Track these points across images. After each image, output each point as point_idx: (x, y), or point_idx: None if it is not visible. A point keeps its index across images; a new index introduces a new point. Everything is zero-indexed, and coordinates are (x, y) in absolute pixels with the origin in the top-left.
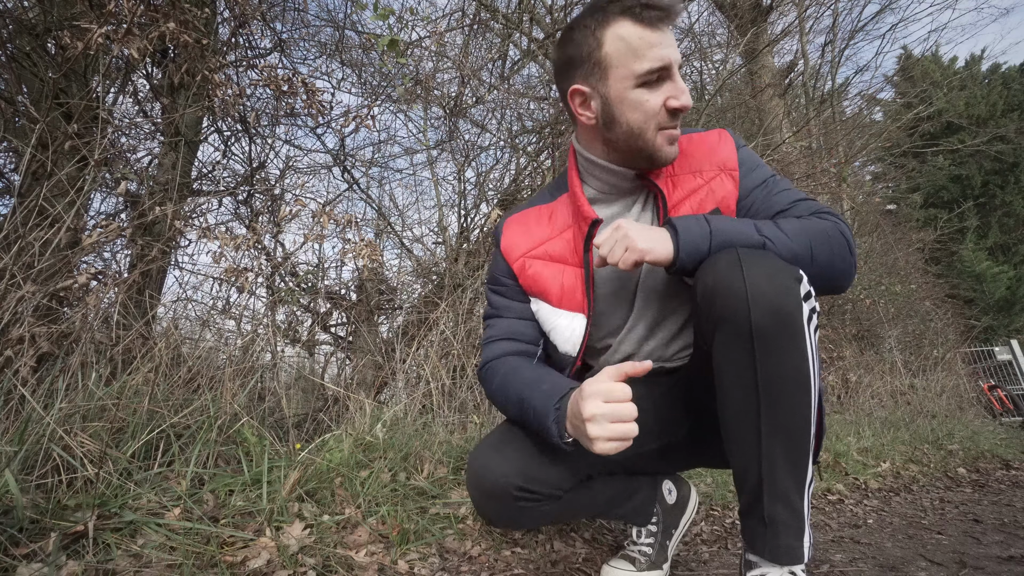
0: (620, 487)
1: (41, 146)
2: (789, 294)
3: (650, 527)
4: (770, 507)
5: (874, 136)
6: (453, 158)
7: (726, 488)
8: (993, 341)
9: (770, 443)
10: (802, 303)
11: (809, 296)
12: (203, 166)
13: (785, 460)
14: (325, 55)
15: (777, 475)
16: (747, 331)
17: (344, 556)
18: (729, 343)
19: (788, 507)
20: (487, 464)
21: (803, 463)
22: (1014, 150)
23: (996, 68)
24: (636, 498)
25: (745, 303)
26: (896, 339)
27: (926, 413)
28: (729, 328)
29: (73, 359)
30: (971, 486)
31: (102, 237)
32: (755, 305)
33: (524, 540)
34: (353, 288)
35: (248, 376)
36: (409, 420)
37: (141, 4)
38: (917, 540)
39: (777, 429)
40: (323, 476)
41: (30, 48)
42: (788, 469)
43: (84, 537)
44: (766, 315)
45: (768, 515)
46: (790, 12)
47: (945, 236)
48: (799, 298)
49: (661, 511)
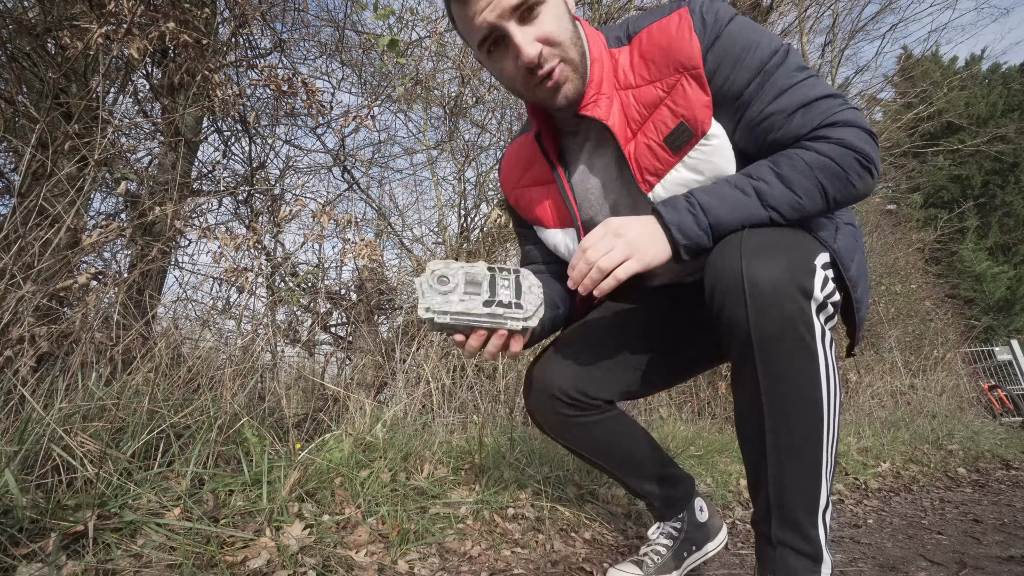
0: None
1: (41, 146)
2: (798, 302)
3: (671, 529)
4: (778, 532)
5: None
6: (453, 158)
7: (726, 488)
8: (993, 341)
9: (777, 466)
10: (813, 320)
11: (824, 306)
12: (203, 166)
13: (794, 484)
14: (325, 55)
15: (786, 500)
16: (748, 346)
17: (344, 556)
18: (734, 353)
19: (799, 534)
20: (544, 367)
21: (816, 488)
22: (1014, 150)
23: (996, 68)
24: (669, 490)
25: (745, 315)
26: (896, 339)
27: (926, 413)
28: (733, 339)
29: (73, 359)
30: (971, 486)
31: (102, 237)
32: (757, 320)
33: (524, 540)
34: (353, 288)
35: (248, 376)
36: (409, 420)
37: (141, 4)
38: (917, 540)
39: (784, 451)
40: (323, 476)
41: (30, 48)
42: (798, 494)
43: (84, 537)
44: (770, 328)
45: (776, 539)
46: (790, 12)
47: (945, 236)
48: (808, 307)
49: (687, 522)
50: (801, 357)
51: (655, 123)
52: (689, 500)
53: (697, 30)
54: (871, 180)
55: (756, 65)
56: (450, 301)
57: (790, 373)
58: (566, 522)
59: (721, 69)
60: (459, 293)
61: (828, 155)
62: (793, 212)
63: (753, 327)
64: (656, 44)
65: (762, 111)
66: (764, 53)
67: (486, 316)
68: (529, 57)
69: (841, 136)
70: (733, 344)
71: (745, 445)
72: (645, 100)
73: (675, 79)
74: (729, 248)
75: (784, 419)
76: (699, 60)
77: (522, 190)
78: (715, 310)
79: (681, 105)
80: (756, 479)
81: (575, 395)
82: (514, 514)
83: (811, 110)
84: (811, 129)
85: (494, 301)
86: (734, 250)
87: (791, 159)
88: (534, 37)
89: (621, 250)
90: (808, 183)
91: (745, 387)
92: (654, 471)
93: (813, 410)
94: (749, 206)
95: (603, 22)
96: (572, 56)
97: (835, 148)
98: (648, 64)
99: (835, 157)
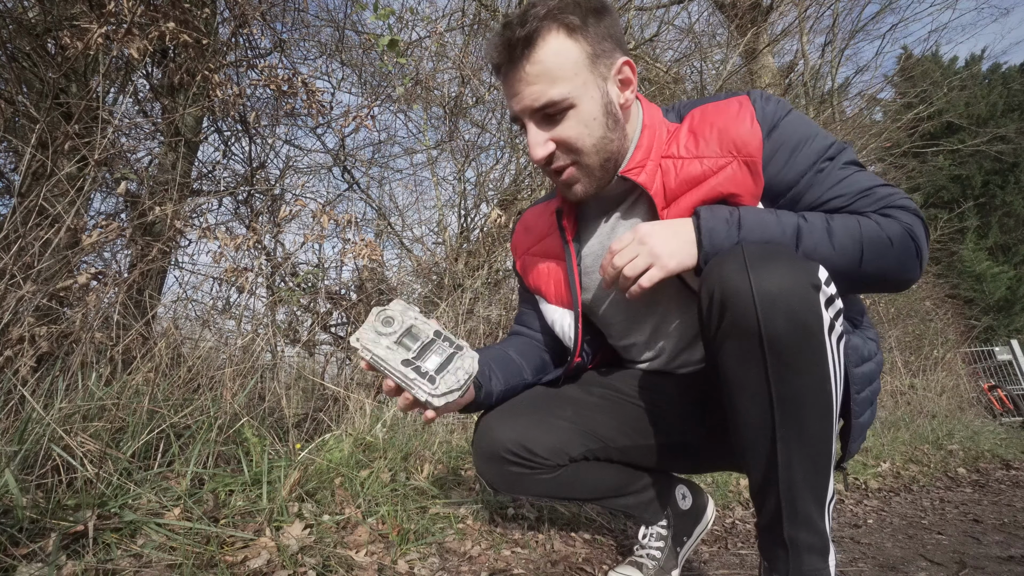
0: (626, 476)
1: (41, 146)
2: (806, 302)
3: (659, 529)
4: (791, 531)
5: (874, 136)
6: (453, 158)
7: (726, 488)
8: (993, 341)
9: (788, 467)
10: (822, 311)
11: (832, 301)
12: (203, 166)
13: (805, 483)
14: (325, 55)
15: (798, 499)
16: (759, 346)
17: (344, 556)
18: (739, 359)
19: (810, 529)
20: (489, 426)
21: (824, 483)
22: (1014, 150)
23: (996, 68)
24: (644, 494)
25: (755, 315)
26: (896, 339)
27: (926, 413)
28: (739, 342)
29: (73, 359)
30: (971, 486)
31: (102, 237)
32: (767, 318)
33: (524, 540)
34: (353, 288)
35: (248, 376)
36: (409, 420)
37: (141, 4)
38: (917, 540)
39: (796, 446)
40: (323, 476)
41: (30, 48)
42: (809, 492)
43: (84, 537)
44: (781, 327)
45: (789, 538)
46: (790, 12)
47: (945, 236)
48: (818, 306)
49: (673, 515)
50: (811, 349)
51: (692, 196)
52: (669, 494)
53: (759, 118)
54: (917, 272)
55: (813, 156)
56: (378, 343)
57: (800, 365)
58: (566, 522)
59: (777, 157)
60: (391, 339)
61: (888, 230)
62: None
63: (763, 321)
64: (711, 123)
65: (819, 197)
66: (821, 145)
67: (399, 373)
68: (535, 158)
69: (909, 222)
70: (737, 349)
71: (749, 452)
72: (686, 174)
73: (727, 161)
74: (731, 255)
75: (795, 413)
76: (757, 149)
77: (531, 258)
78: (716, 314)
79: (725, 185)
80: (765, 480)
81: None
82: (514, 514)
83: (871, 195)
84: (878, 208)
85: (412, 364)
86: (736, 257)
87: (848, 218)
88: (547, 138)
89: (644, 258)
90: (849, 243)
91: (750, 390)
92: (625, 486)
93: (824, 401)
94: (783, 238)
95: None
96: (589, 163)
97: (897, 227)
98: (699, 140)
99: (893, 235)
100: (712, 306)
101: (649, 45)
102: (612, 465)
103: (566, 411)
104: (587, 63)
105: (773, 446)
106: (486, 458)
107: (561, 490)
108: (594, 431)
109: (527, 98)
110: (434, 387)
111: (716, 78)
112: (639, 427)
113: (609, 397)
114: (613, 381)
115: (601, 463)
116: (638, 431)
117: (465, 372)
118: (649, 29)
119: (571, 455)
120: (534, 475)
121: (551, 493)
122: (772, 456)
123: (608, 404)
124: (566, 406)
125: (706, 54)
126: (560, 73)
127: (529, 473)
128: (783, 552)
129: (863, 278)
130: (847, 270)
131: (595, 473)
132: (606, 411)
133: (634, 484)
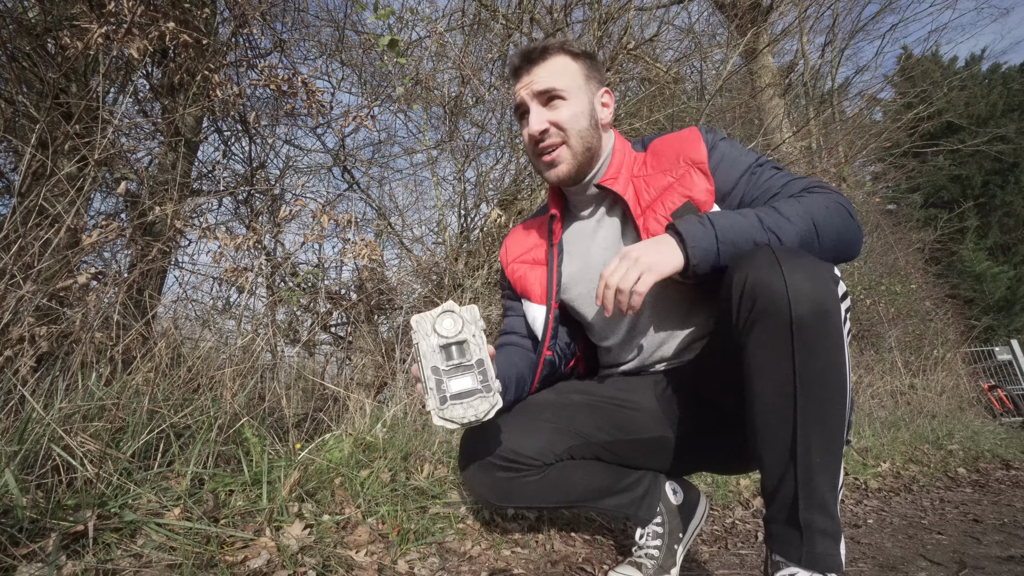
0: (613, 473)
1: (41, 146)
2: (829, 292)
3: (655, 528)
4: (806, 514)
5: (874, 136)
6: (453, 158)
7: (726, 488)
8: (993, 341)
9: (807, 450)
10: (840, 302)
11: (846, 296)
12: (203, 166)
13: (821, 464)
14: (325, 55)
15: (814, 481)
16: (787, 327)
17: (344, 556)
18: (767, 340)
19: (825, 514)
20: (474, 439)
21: (837, 468)
22: (1014, 150)
23: (996, 68)
24: (634, 491)
25: (786, 299)
26: (896, 339)
27: (926, 413)
28: (768, 324)
29: (73, 359)
30: (971, 486)
31: (102, 237)
32: (796, 302)
33: (524, 540)
34: (353, 288)
35: (248, 376)
36: (409, 420)
37: (141, 4)
38: (917, 540)
39: (815, 428)
40: (323, 476)
41: (30, 48)
42: (825, 474)
43: (84, 537)
44: (807, 311)
45: (804, 521)
46: (790, 12)
47: (945, 236)
48: (837, 297)
49: (666, 512)
50: (832, 335)
51: (664, 202)
52: (659, 490)
53: (704, 140)
54: (859, 231)
55: (745, 165)
56: (428, 338)
57: (821, 350)
58: (566, 522)
59: (721, 167)
60: (440, 342)
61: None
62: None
63: (793, 305)
64: (669, 145)
65: (758, 193)
66: (751, 158)
67: (426, 372)
68: (533, 129)
69: (833, 193)
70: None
71: (767, 439)
72: (656, 184)
73: (684, 169)
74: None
75: (817, 395)
76: (706, 158)
77: (519, 264)
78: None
79: (688, 188)
80: (782, 465)
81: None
82: (514, 514)
83: (799, 183)
84: (803, 188)
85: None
86: (765, 253)
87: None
88: (546, 118)
89: (635, 269)
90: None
91: (774, 373)
92: (614, 483)
93: (841, 385)
94: (751, 226)
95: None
96: (574, 145)
97: (826, 197)
98: (661, 159)
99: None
100: (743, 296)
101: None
102: (598, 463)
103: (545, 413)
104: (582, 78)
105: (794, 430)
106: (474, 468)
107: (552, 493)
108: (575, 428)
109: (535, 83)
110: (442, 407)
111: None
112: (617, 423)
113: (586, 399)
114: (588, 386)
115: (587, 461)
116: (616, 427)
117: (474, 414)
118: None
119: (556, 452)
120: (522, 478)
121: (542, 497)
122: (792, 440)
123: (585, 405)
124: (544, 409)
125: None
126: (563, 74)
127: (517, 477)
128: (796, 537)
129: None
130: (808, 237)
131: (582, 471)
132: (583, 411)
133: (622, 481)
